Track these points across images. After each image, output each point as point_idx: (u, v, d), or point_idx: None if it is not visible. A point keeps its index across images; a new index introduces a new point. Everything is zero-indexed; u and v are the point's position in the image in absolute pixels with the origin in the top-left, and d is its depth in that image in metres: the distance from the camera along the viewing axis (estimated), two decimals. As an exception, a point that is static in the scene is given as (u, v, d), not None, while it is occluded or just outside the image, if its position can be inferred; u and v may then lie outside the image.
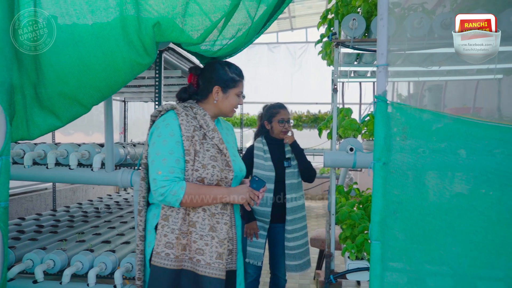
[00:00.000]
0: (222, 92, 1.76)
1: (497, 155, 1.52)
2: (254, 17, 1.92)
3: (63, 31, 1.60)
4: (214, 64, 1.80)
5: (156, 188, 1.58)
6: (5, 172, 1.50)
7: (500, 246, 1.59)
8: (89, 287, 2.09)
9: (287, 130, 2.66)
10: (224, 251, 1.64)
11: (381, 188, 1.38)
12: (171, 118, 1.66)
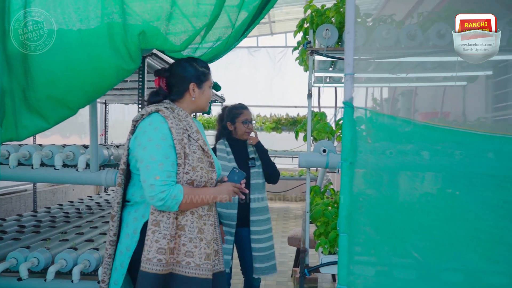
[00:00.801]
0: (198, 87, 1.75)
1: (456, 156, 1.68)
2: (235, 24, 2.04)
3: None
4: (182, 63, 1.77)
5: (154, 194, 1.53)
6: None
7: (459, 240, 1.73)
8: (73, 283, 2.17)
9: (251, 131, 2.63)
10: (211, 251, 1.69)
11: (348, 185, 1.52)
12: (159, 122, 1.62)
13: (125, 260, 1.66)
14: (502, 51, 2.37)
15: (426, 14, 2.66)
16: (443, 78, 3.40)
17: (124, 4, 1.62)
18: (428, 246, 1.76)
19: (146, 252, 1.58)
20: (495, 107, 4.16)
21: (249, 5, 2.00)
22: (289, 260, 4.71)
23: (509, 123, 3.75)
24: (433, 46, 2.34)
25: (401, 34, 2.34)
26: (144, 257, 1.58)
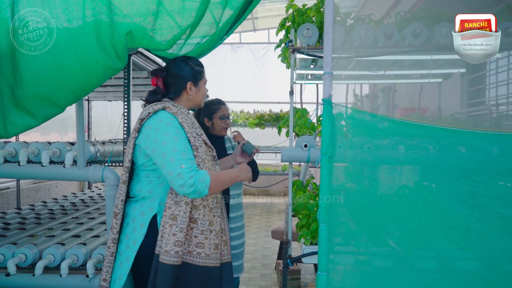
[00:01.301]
0: (194, 86, 1.82)
1: (430, 150, 1.79)
2: (219, 22, 2.10)
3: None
4: (178, 63, 1.82)
5: (184, 181, 1.56)
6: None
7: (432, 229, 1.84)
8: (62, 277, 2.21)
9: (228, 126, 2.61)
10: (219, 241, 1.77)
11: (327, 178, 1.61)
12: (168, 118, 1.67)
13: (131, 254, 1.70)
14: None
15: (403, 14, 2.77)
16: (419, 75, 3.53)
17: (112, 5, 1.67)
18: (404, 235, 1.86)
19: (164, 244, 1.64)
20: (470, 103, 4.33)
21: (233, 3, 2.06)
22: (272, 253, 4.82)
23: (481, 119, 3.92)
24: (409, 45, 2.45)
25: (378, 33, 2.44)
26: (162, 249, 1.64)
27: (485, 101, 4.04)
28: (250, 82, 10.01)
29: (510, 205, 1.64)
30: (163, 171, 1.62)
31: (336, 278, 1.80)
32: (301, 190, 3.26)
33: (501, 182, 1.66)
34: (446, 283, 1.83)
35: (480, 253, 1.77)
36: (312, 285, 3.87)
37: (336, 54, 2.57)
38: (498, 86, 3.92)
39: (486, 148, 1.68)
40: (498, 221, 1.63)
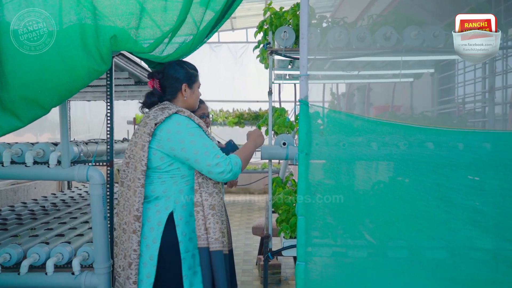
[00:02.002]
0: (189, 88, 1.93)
1: (400, 147, 1.91)
2: (200, 26, 2.18)
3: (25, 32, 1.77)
4: (174, 66, 1.94)
5: (223, 169, 1.74)
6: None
7: (402, 220, 1.96)
8: (47, 275, 2.25)
9: (208, 125, 2.66)
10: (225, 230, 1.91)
11: (304, 173, 1.72)
12: (185, 120, 1.80)
13: (154, 252, 1.78)
14: (440, 52, 2.66)
15: (375, 17, 2.91)
16: (392, 75, 3.69)
17: (96, 10, 1.73)
18: (377, 227, 1.98)
19: (212, 234, 1.78)
20: (440, 101, 4.54)
21: (214, 6, 2.14)
22: (253, 250, 4.92)
23: (449, 116, 4.12)
24: (381, 47, 2.59)
25: (352, 36, 2.57)
26: (212, 239, 1.79)
27: (454, 99, 4.25)
28: (229, 81, 10.08)
29: (471, 196, 1.79)
30: (197, 165, 1.76)
31: (315, 269, 1.91)
32: (281, 186, 3.37)
33: (464, 176, 1.80)
34: (417, 270, 1.96)
35: (446, 242, 1.91)
36: (292, 279, 3.99)
37: (312, 55, 2.69)
38: (466, 85, 4.13)
39: (450, 144, 1.82)
40: (461, 211, 1.77)
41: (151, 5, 1.81)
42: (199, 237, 1.79)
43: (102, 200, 2.22)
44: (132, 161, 1.84)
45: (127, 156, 1.88)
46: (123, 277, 1.84)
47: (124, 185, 1.88)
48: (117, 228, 1.93)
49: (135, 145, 1.83)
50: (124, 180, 1.88)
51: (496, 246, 1.80)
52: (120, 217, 1.90)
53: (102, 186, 2.22)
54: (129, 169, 1.86)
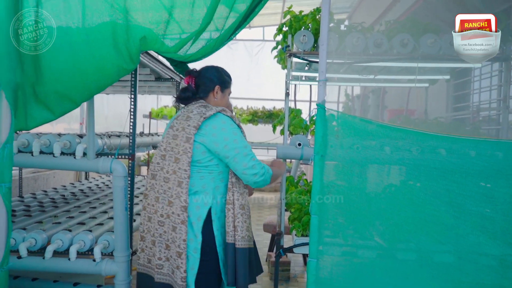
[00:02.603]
0: (221, 91, 2.03)
1: (413, 152, 1.97)
2: (222, 29, 2.27)
3: (60, 35, 1.88)
4: (211, 68, 2.05)
5: (257, 171, 1.85)
6: (9, 158, 1.78)
7: (412, 224, 2.02)
8: (70, 261, 2.37)
9: None
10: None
11: (319, 174, 1.80)
12: (229, 120, 1.91)
13: (197, 245, 1.86)
14: (456, 60, 2.71)
15: (392, 22, 2.96)
16: (407, 80, 3.74)
17: (128, 13, 1.84)
18: (387, 229, 2.05)
19: (239, 232, 1.89)
20: (454, 107, 4.56)
21: (239, 9, 2.23)
22: (263, 246, 5.01)
23: (463, 123, 4.14)
24: (397, 53, 2.65)
25: (369, 41, 2.63)
26: (238, 236, 1.89)
27: (469, 106, 4.27)
28: (244, 79, 10.16)
29: (480, 203, 1.85)
30: (235, 164, 1.85)
31: (325, 266, 1.99)
32: (293, 185, 3.45)
33: (474, 183, 1.86)
34: (425, 273, 2.03)
35: (454, 246, 1.97)
36: (301, 277, 4.08)
37: (330, 59, 2.75)
38: (481, 92, 4.15)
39: (462, 151, 1.88)
40: (469, 217, 1.83)
41: (178, 10, 1.91)
42: (228, 233, 1.89)
43: (124, 192, 2.33)
44: (171, 153, 1.88)
45: (163, 149, 1.92)
46: (169, 268, 1.88)
47: (158, 178, 1.91)
48: (146, 221, 1.95)
49: (173, 138, 1.89)
50: (157, 173, 1.92)
51: (503, 252, 1.86)
52: (153, 209, 1.92)
53: (124, 179, 2.33)
54: (166, 161, 1.89)
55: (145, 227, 1.95)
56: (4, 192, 1.76)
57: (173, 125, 1.94)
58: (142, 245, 1.97)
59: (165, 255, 1.89)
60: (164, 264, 1.89)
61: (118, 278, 2.37)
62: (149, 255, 1.94)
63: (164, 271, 1.89)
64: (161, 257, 1.90)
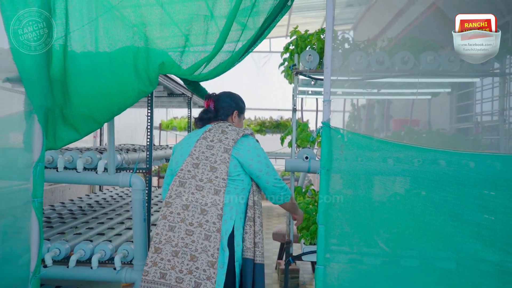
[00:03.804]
0: (238, 116, 2.20)
1: (416, 163, 2.11)
2: (233, 51, 2.43)
3: (85, 62, 2.05)
4: (230, 95, 2.24)
5: (284, 185, 2.06)
6: (41, 175, 1.95)
7: (413, 232, 2.15)
8: (92, 269, 2.53)
9: None
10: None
11: (325, 187, 1.94)
12: (254, 141, 2.08)
13: (225, 260, 1.87)
14: (456, 76, 2.85)
15: (393, 39, 3.11)
16: (410, 93, 3.88)
17: (148, 40, 2.02)
18: (390, 237, 2.18)
19: (260, 248, 1.99)
20: (458, 117, 4.69)
21: (250, 31, 2.39)
22: (273, 254, 5.14)
23: (466, 133, 4.26)
24: (398, 70, 2.79)
25: (371, 59, 2.79)
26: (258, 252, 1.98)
27: (472, 116, 4.39)
28: (252, 90, 10.35)
29: (476, 213, 1.97)
30: (267, 176, 2.01)
31: (332, 273, 2.12)
32: (301, 195, 3.59)
33: (470, 193, 1.99)
34: (427, 279, 2.14)
35: (453, 253, 2.09)
36: (310, 284, 4.20)
37: (334, 76, 2.91)
38: (484, 102, 4.27)
39: (458, 164, 2.01)
40: (465, 225, 1.96)
41: (193, 37, 2.08)
42: (248, 248, 1.93)
43: (142, 204, 2.50)
44: (205, 162, 1.94)
45: (195, 158, 1.97)
46: (190, 282, 1.82)
47: (187, 186, 1.93)
48: (166, 231, 1.90)
49: (208, 148, 1.97)
50: (187, 181, 1.94)
51: (499, 259, 1.98)
52: (179, 218, 1.90)
53: (142, 192, 2.50)
54: (199, 169, 1.94)
55: (164, 237, 1.89)
56: (37, 207, 1.93)
57: (205, 136, 2.02)
58: (155, 258, 1.88)
59: (187, 268, 1.83)
60: (184, 277, 1.82)
61: (138, 285, 2.52)
62: (164, 269, 1.86)
63: (184, 286, 1.82)
64: (183, 270, 1.83)
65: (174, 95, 4.16)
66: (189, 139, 2.08)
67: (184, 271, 1.84)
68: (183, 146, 2.07)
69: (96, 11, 2.04)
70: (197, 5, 2.15)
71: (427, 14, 3.68)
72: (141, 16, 2.09)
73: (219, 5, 2.19)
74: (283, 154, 7.92)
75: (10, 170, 2.07)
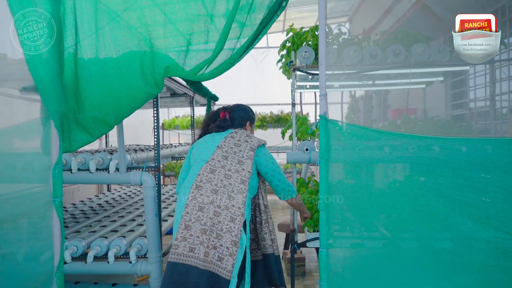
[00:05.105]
0: (250, 126, 2.57)
1: (410, 150, 2.24)
2: (234, 50, 2.56)
3: (95, 68, 2.19)
4: (243, 107, 2.58)
5: (289, 183, 2.45)
6: (59, 177, 2.10)
7: (411, 215, 2.28)
8: (109, 264, 2.68)
9: None
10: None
11: (324, 176, 2.08)
12: (267, 149, 2.42)
13: (240, 256, 2.10)
14: (446, 65, 2.97)
15: (385, 31, 3.24)
16: (404, 83, 4.01)
17: (153, 46, 2.15)
18: (389, 221, 2.31)
19: (276, 243, 2.45)
20: (452, 104, 4.81)
21: (245, 36, 2.52)
22: (279, 245, 5.28)
23: (460, 119, 4.39)
24: (391, 62, 2.92)
25: (365, 53, 2.91)
26: (276, 246, 2.46)
27: (466, 103, 4.52)
28: (251, 85, 10.48)
29: (467, 193, 2.11)
30: (279, 175, 2.40)
31: (335, 256, 2.26)
32: (304, 186, 3.73)
33: (460, 175, 2.12)
34: (426, 259, 2.28)
35: (447, 232, 2.23)
36: (316, 271, 4.34)
37: (330, 71, 3.04)
38: (477, 89, 4.40)
39: (450, 149, 2.14)
40: (457, 205, 2.09)
41: (195, 40, 2.22)
42: (269, 246, 2.43)
43: (153, 200, 2.64)
44: (233, 156, 2.27)
45: (225, 151, 2.29)
46: (214, 255, 2.06)
47: (217, 173, 2.21)
48: (195, 211, 2.12)
49: (236, 145, 2.32)
50: (217, 169, 2.23)
51: (488, 235, 2.11)
52: (208, 200, 2.14)
53: (153, 189, 2.64)
54: (228, 161, 2.26)
55: (193, 216, 2.11)
56: (58, 206, 2.08)
57: (233, 136, 2.38)
58: (185, 233, 2.09)
59: (213, 244, 2.07)
60: (210, 252, 2.06)
61: (153, 276, 2.68)
62: (193, 244, 2.07)
63: (209, 259, 2.05)
64: (209, 245, 2.06)
65: (177, 95, 4.30)
66: (212, 137, 2.42)
67: (210, 246, 2.07)
68: (207, 141, 2.39)
69: (102, 20, 2.18)
70: (198, 6, 2.28)
71: (413, 10, 3.81)
72: (145, 22, 2.22)
73: (219, 5, 2.33)
74: (284, 148, 8.08)
75: (30, 173, 2.21)
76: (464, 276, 2.23)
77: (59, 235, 2.10)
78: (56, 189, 2.08)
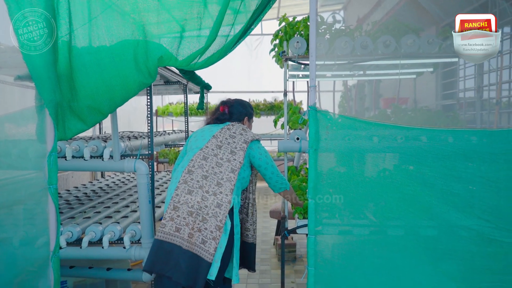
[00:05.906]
0: (248, 120, 2.69)
1: (399, 140, 2.31)
2: (227, 39, 2.59)
3: (90, 57, 2.21)
4: (242, 103, 2.69)
5: (282, 176, 2.58)
6: (54, 164, 2.14)
7: (397, 203, 2.35)
8: (104, 249, 2.74)
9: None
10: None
11: (313, 165, 2.14)
12: (261, 144, 2.55)
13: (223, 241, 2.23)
14: (435, 57, 3.03)
15: (377, 22, 3.28)
16: (395, 73, 4.06)
17: (147, 36, 2.18)
18: (376, 208, 2.39)
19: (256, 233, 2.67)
20: (443, 94, 4.88)
21: (242, 20, 2.54)
22: (271, 231, 5.39)
23: (449, 109, 4.46)
24: (381, 53, 2.97)
25: (356, 44, 2.95)
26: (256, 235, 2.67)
27: (455, 93, 4.59)
28: (245, 73, 10.48)
29: (450, 182, 2.18)
30: (272, 168, 2.51)
31: (324, 244, 2.34)
32: (295, 174, 3.81)
33: (443, 165, 2.19)
34: (411, 246, 2.37)
35: (431, 220, 2.31)
36: (306, 257, 4.45)
37: (321, 61, 3.09)
38: (466, 79, 4.47)
39: (436, 140, 2.21)
40: (440, 194, 2.17)
41: (189, 27, 2.24)
42: (251, 236, 2.63)
43: (147, 187, 2.69)
44: (227, 146, 2.38)
45: (219, 141, 2.41)
46: (198, 238, 2.16)
47: (209, 160, 2.33)
48: (184, 194, 2.24)
49: (231, 137, 2.44)
50: (209, 157, 2.34)
51: (471, 223, 2.20)
52: (197, 184, 2.26)
53: (147, 176, 2.69)
54: (222, 150, 2.36)
55: (182, 198, 2.24)
56: (53, 192, 2.13)
57: (229, 127, 2.50)
58: (173, 214, 2.21)
59: (198, 226, 2.17)
60: (194, 234, 2.16)
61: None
62: (180, 224, 2.19)
63: (193, 241, 2.15)
64: (194, 228, 2.16)
65: (170, 82, 4.32)
66: (211, 127, 2.54)
67: (195, 228, 2.17)
68: (204, 131, 2.52)
69: (97, 9, 2.19)
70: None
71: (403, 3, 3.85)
72: (138, 8, 2.23)
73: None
74: (277, 135, 8.14)
75: (25, 160, 2.25)
76: (448, 262, 2.32)
77: (55, 221, 2.15)
78: (52, 176, 2.12)
